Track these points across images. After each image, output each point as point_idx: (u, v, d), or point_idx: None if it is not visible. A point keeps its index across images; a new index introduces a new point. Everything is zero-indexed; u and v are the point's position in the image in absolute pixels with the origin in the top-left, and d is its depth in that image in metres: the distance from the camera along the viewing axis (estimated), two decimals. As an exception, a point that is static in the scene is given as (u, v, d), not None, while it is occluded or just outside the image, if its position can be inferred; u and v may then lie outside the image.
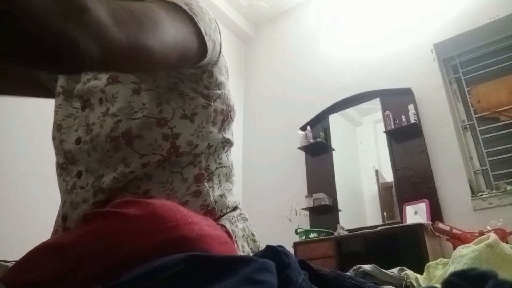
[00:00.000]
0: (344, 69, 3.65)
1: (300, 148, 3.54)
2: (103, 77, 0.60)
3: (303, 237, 2.96)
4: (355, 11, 3.81)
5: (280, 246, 0.46)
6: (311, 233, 2.99)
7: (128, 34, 0.36)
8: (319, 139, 3.46)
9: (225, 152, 0.65)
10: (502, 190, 2.54)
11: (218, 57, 0.59)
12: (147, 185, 0.55)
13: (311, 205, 3.23)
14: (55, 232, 0.59)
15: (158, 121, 0.55)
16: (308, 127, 3.57)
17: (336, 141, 3.52)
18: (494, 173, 2.72)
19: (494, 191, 2.60)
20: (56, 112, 0.64)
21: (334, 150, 3.48)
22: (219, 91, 0.62)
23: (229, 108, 0.65)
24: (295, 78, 4.05)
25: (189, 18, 0.49)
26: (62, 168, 0.61)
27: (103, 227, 0.40)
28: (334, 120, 3.59)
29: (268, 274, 0.36)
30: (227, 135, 0.65)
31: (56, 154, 0.63)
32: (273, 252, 0.44)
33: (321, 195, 3.21)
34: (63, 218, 0.57)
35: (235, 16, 4.49)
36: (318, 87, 3.78)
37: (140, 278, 0.34)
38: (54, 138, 0.63)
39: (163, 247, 0.38)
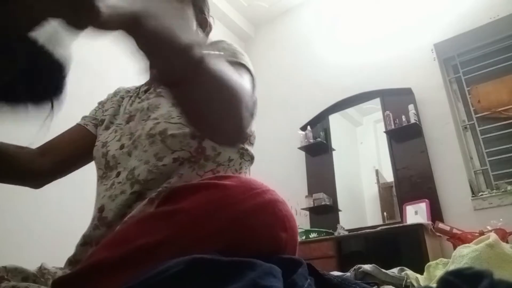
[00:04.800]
0: (344, 69, 3.65)
1: (300, 148, 3.54)
2: (151, 97, 0.72)
3: (303, 237, 2.96)
4: (355, 11, 3.81)
5: None
6: (311, 233, 2.99)
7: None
8: (319, 139, 3.46)
9: (245, 169, 0.73)
10: (503, 190, 2.54)
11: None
12: (177, 182, 0.60)
13: (311, 205, 3.23)
14: (94, 226, 0.62)
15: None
16: (308, 127, 3.57)
17: (336, 141, 3.52)
18: (494, 173, 2.72)
19: (494, 191, 2.60)
20: (98, 139, 0.76)
21: (334, 150, 3.48)
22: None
23: (250, 133, 0.75)
24: (296, 78, 4.05)
25: (247, 72, 0.66)
26: (101, 178, 0.69)
27: (210, 194, 0.45)
28: (334, 120, 3.59)
29: (274, 280, 0.36)
30: (246, 155, 0.73)
31: (97, 169, 0.72)
32: (280, 257, 0.44)
33: (321, 195, 3.21)
34: (99, 209, 0.63)
35: (235, 16, 4.49)
36: (319, 87, 3.77)
37: (143, 281, 0.34)
38: (97, 157, 0.72)
39: (261, 207, 0.45)
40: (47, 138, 0.79)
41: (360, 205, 3.34)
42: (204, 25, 0.85)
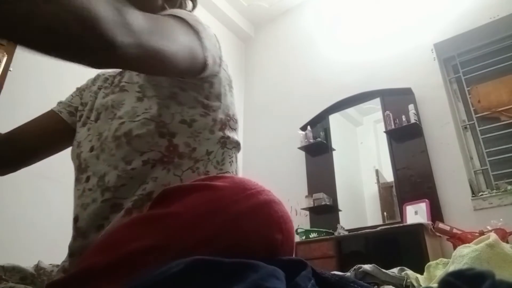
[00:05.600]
0: (344, 69, 3.65)
1: (300, 148, 3.54)
2: (116, 91, 0.66)
3: (303, 237, 2.95)
4: (355, 11, 3.81)
5: None
6: (311, 233, 2.99)
7: (153, 40, 0.42)
8: (319, 139, 3.46)
9: (229, 158, 0.65)
10: (503, 190, 2.54)
11: (219, 70, 0.64)
12: (152, 187, 0.56)
13: (311, 205, 3.23)
14: (73, 237, 0.60)
15: (157, 123, 0.58)
16: (308, 127, 3.57)
17: (336, 141, 3.52)
18: (494, 173, 2.72)
19: (494, 191, 2.59)
20: (75, 137, 0.69)
21: (334, 150, 3.48)
22: (218, 103, 0.65)
23: (229, 118, 0.66)
24: (296, 78, 4.05)
25: (195, 34, 0.55)
26: (76, 180, 0.64)
27: (202, 196, 0.43)
28: (335, 120, 3.59)
29: (277, 282, 0.35)
30: (229, 143, 0.65)
31: (74, 171, 0.66)
32: (283, 259, 0.43)
33: (321, 195, 3.20)
34: (74, 219, 0.60)
35: (235, 16, 4.49)
36: (319, 87, 3.78)
37: (144, 282, 0.34)
38: (72, 158, 0.67)
39: (256, 208, 0.43)
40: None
41: (360, 205, 3.34)
42: None
